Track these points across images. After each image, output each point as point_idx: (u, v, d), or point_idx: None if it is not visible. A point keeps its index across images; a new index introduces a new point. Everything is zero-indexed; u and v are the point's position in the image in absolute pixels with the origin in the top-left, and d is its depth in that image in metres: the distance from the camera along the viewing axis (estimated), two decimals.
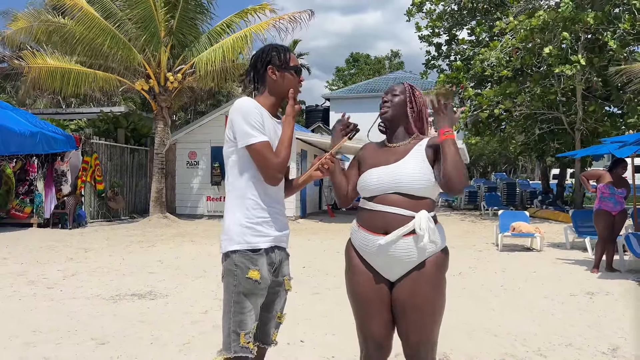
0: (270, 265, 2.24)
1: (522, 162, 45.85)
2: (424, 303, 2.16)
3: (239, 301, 2.13)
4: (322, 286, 6.08)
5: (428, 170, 2.20)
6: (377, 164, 2.30)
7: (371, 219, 2.24)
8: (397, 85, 2.42)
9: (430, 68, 19.42)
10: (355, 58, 51.10)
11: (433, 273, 2.19)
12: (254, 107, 2.17)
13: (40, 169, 12.37)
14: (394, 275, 2.23)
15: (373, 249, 2.21)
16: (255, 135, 2.13)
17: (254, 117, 2.14)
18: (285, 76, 2.29)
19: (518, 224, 9.41)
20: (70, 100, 23.47)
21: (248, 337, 2.13)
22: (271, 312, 2.31)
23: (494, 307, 5.21)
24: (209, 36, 14.10)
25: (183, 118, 27.26)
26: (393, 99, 2.35)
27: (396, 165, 2.23)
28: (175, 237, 10.82)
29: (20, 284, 6.07)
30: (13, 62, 13.31)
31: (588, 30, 13.75)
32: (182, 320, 4.57)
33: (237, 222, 2.19)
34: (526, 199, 20.89)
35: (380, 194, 2.22)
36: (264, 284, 2.18)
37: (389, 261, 2.20)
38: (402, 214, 2.16)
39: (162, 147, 14.01)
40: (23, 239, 10.24)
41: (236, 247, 2.16)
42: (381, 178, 2.23)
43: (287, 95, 2.29)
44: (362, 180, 2.31)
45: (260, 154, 2.14)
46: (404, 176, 2.18)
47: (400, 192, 2.18)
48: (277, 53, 2.29)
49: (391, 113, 2.34)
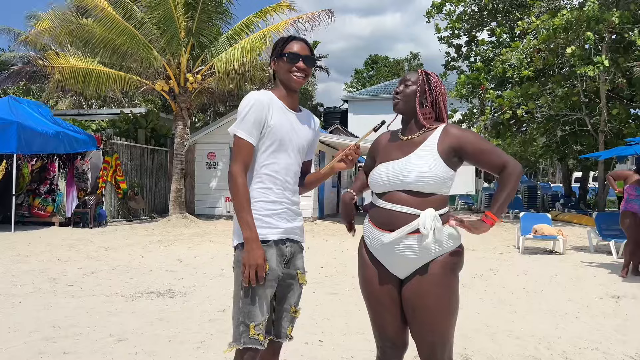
0: (282, 257, 2.20)
1: (543, 165, 45.19)
2: (431, 303, 2.10)
3: (247, 292, 2.10)
4: (341, 286, 6.02)
5: (437, 165, 2.11)
6: (387, 158, 2.23)
7: (379, 215, 2.19)
8: (412, 73, 2.29)
9: (450, 69, 19.24)
10: (374, 60, 50.94)
11: (440, 273, 2.12)
12: (259, 103, 2.14)
13: (61, 169, 12.54)
14: (401, 273, 2.18)
15: (379, 245, 2.17)
16: (243, 129, 2.13)
17: (253, 114, 2.13)
18: (279, 64, 2.25)
19: (540, 227, 9.23)
20: (91, 102, 23.83)
21: (258, 328, 2.09)
22: (285, 305, 2.27)
23: (516, 310, 5.10)
24: (228, 37, 14.16)
25: (202, 119, 27.47)
26: (405, 90, 2.23)
27: (403, 162, 2.16)
28: (194, 237, 10.87)
29: (41, 280, 6.14)
30: (37, 62, 13.54)
31: (613, 30, 13.47)
32: (200, 319, 4.55)
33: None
34: (547, 202, 20.57)
35: (389, 191, 2.16)
36: (273, 275, 2.14)
37: (393, 258, 2.16)
38: (407, 212, 2.10)
39: (181, 147, 14.10)
40: (45, 237, 10.38)
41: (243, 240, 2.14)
42: (388, 175, 2.17)
43: (288, 84, 2.24)
44: (372, 176, 2.26)
45: (235, 149, 2.15)
46: (409, 173, 2.11)
47: (407, 189, 2.12)
48: (279, 43, 2.27)
49: (402, 105, 2.24)
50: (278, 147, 2.19)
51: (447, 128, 2.19)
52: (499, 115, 15.42)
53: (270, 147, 2.18)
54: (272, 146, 2.18)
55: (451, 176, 2.16)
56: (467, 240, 10.45)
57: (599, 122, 15.13)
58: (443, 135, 2.17)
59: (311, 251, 9.16)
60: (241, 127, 2.13)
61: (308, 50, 2.27)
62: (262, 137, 2.17)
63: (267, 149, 2.18)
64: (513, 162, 2.13)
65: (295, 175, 2.29)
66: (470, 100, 17.23)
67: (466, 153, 2.14)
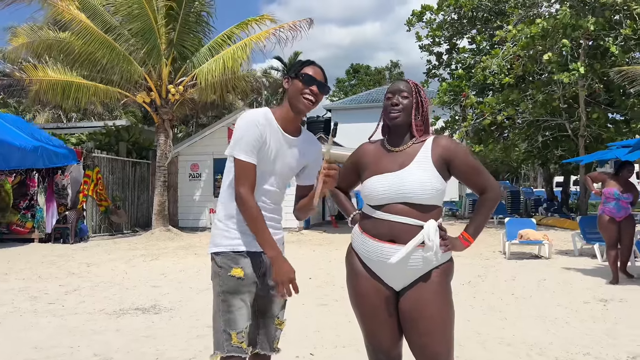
0: (258, 269, 2.19)
1: (525, 170, 45.75)
2: (435, 312, 2.08)
3: (226, 299, 2.11)
4: (330, 297, 5.96)
5: (434, 177, 2.10)
6: (380, 170, 2.17)
7: (377, 226, 2.14)
8: (402, 83, 2.23)
9: (432, 77, 19.38)
10: (356, 69, 51.26)
11: (439, 282, 2.11)
12: (257, 123, 2.12)
13: (40, 184, 12.29)
14: (399, 285, 2.15)
15: (378, 257, 2.12)
16: (243, 150, 2.11)
17: (252, 134, 2.11)
18: (293, 83, 2.21)
19: (526, 232, 9.28)
20: (71, 115, 23.50)
21: (240, 336, 2.08)
22: (268, 317, 2.26)
23: (506, 316, 5.08)
24: (210, 47, 14.08)
25: (185, 131, 27.26)
26: (403, 101, 2.18)
27: (402, 174, 2.12)
28: (179, 250, 10.70)
29: (21, 300, 5.96)
30: (15, 74, 13.31)
31: (589, 37, 13.71)
32: (187, 335, 4.45)
33: (222, 225, 2.20)
34: (530, 206, 20.75)
35: (388, 204, 2.12)
36: (249, 281, 2.14)
37: (393, 269, 2.11)
38: (410, 224, 2.07)
39: (164, 159, 13.94)
40: (24, 254, 10.13)
41: (217, 250, 2.18)
42: (388, 187, 2.12)
43: (295, 106, 2.20)
44: (367, 188, 2.19)
45: (238, 172, 2.12)
46: (410, 186, 2.08)
47: (408, 202, 2.09)
48: (296, 64, 2.26)
49: (403, 118, 2.18)
50: (263, 171, 2.18)
51: (437, 139, 2.19)
52: (480, 121, 15.56)
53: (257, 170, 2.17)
54: (258, 169, 2.17)
55: (444, 189, 2.16)
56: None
57: (579, 127, 15.34)
58: (435, 146, 2.16)
59: (298, 262, 9.03)
60: (241, 148, 2.11)
61: (323, 77, 2.25)
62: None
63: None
64: (495, 187, 2.18)
65: (273, 196, 2.26)
66: (452, 108, 17.37)
67: (454, 166, 2.15)
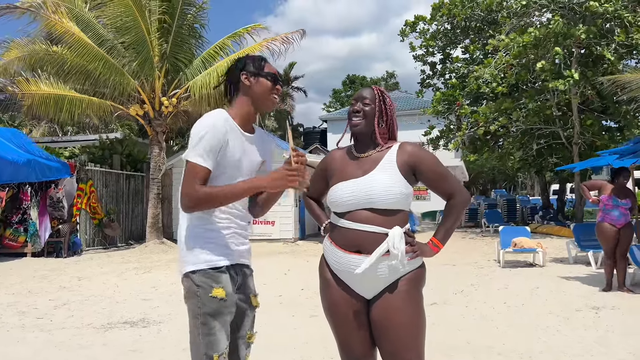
0: (234, 283, 2.11)
1: (522, 179, 45.82)
2: (404, 320, 2.07)
3: (206, 322, 2.01)
4: (320, 308, 5.88)
5: (399, 181, 2.09)
6: (345, 176, 2.17)
7: (343, 236, 2.13)
8: (366, 90, 2.24)
9: (426, 87, 19.45)
10: (352, 80, 51.44)
11: (408, 290, 2.09)
12: (216, 128, 2.02)
13: (33, 197, 12.23)
14: (368, 293, 2.14)
15: (345, 267, 2.11)
16: (198, 154, 2.00)
17: (210, 139, 2.00)
18: (259, 81, 2.16)
19: (520, 240, 9.25)
20: (67, 129, 23.47)
21: (222, 358, 2.01)
22: (241, 332, 2.19)
23: (498, 325, 5.04)
24: (203, 60, 14.11)
25: (181, 143, 27.25)
26: (365, 108, 2.19)
27: (366, 179, 2.11)
28: (172, 263, 10.64)
29: (10, 314, 5.90)
30: (7, 89, 13.30)
31: (581, 45, 13.80)
32: (174, 348, 4.39)
33: (193, 240, 2.08)
34: (527, 214, 20.74)
35: (352, 210, 2.11)
36: (230, 301, 2.06)
37: (361, 279, 2.10)
38: (375, 232, 2.06)
39: (157, 172, 13.90)
40: (16, 268, 10.05)
41: (194, 267, 2.05)
42: (352, 193, 2.10)
43: (263, 104, 2.17)
44: (333, 195, 2.18)
45: (187, 174, 2.02)
46: (375, 191, 2.06)
47: (373, 207, 2.07)
48: (252, 61, 2.20)
49: (365, 126, 2.18)
50: (230, 174, 2.10)
51: (403, 145, 2.18)
52: (475, 130, 15.60)
53: (223, 174, 2.08)
54: (225, 174, 2.08)
55: (411, 193, 2.14)
56: (448, 256, 10.39)
57: (573, 135, 15.38)
58: (400, 152, 2.16)
59: (292, 272, 9.02)
60: (196, 151, 2.01)
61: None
62: (217, 162, 2.06)
63: (219, 176, 2.08)
64: (461, 192, 2.17)
65: (244, 201, 2.20)
66: (446, 117, 17.42)
67: (420, 172, 2.14)
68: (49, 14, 12.12)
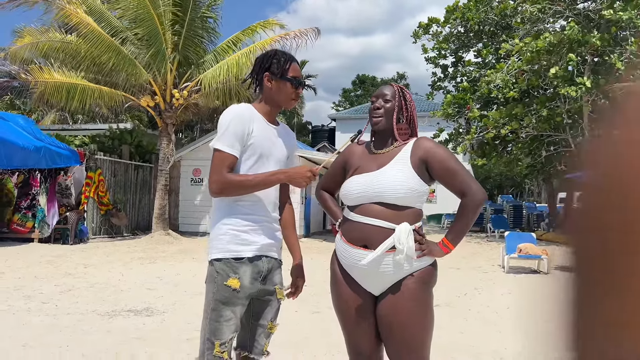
0: (258, 274, 2.15)
1: (529, 185, 45.61)
2: (407, 320, 2.03)
3: (216, 308, 2.07)
4: (323, 305, 5.91)
5: (411, 177, 2.07)
6: (360, 171, 2.18)
7: (351, 230, 2.13)
8: (386, 87, 2.24)
9: (437, 89, 19.41)
10: (362, 80, 51.40)
11: (415, 289, 2.05)
12: (241, 117, 2.10)
13: (43, 184, 12.33)
14: (376, 289, 2.12)
15: (352, 262, 2.11)
16: (224, 142, 2.08)
17: (235, 127, 2.08)
18: (280, 85, 2.19)
19: (525, 246, 9.22)
20: (77, 117, 23.61)
21: (224, 347, 2.04)
22: (261, 321, 2.23)
23: (501, 330, 5.04)
24: (215, 54, 14.16)
25: (190, 136, 27.35)
26: (385, 105, 2.18)
27: (377, 173, 2.11)
28: (177, 254, 10.69)
29: (16, 298, 5.95)
30: (20, 76, 13.39)
31: (595, 52, 13.71)
32: (177, 338, 4.43)
33: (222, 229, 2.14)
34: (533, 221, 20.65)
35: (362, 204, 2.11)
36: (244, 294, 2.10)
37: (367, 274, 2.09)
38: (382, 226, 2.04)
39: (166, 163, 13.96)
40: (23, 253, 10.14)
41: (219, 255, 2.11)
42: (362, 187, 2.11)
43: (283, 105, 2.22)
44: (344, 188, 2.21)
45: (215, 161, 2.08)
46: (384, 185, 2.06)
47: (382, 201, 2.06)
48: (277, 60, 2.19)
49: (385, 122, 2.18)
50: (259, 160, 2.15)
51: (419, 141, 2.17)
52: (484, 134, 15.55)
53: (251, 160, 2.13)
54: (253, 158, 2.14)
55: (425, 190, 2.11)
56: (452, 259, 10.35)
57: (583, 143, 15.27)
58: (415, 147, 2.14)
59: None
60: (223, 140, 2.08)
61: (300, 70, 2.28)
62: (243, 150, 2.12)
63: (248, 162, 2.13)
64: (475, 191, 2.05)
65: (276, 190, 2.25)
66: (456, 120, 17.37)
67: (432, 168, 2.10)
68: (64, 4, 12.21)
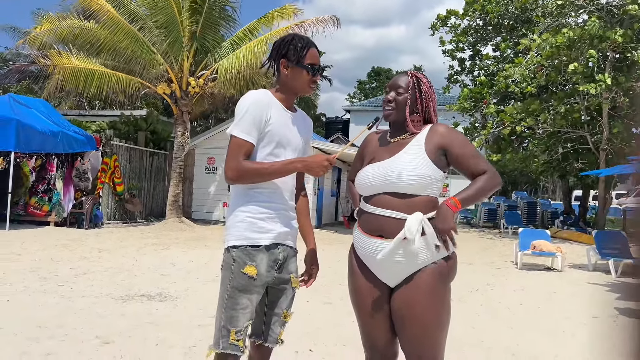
0: (274, 262, 2.15)
1: (544, 182, 45.13)
2: (420, 314, 1.99)
3: (232, 296, 2.06)
4: (335, 296, 5.93)
5: (424, 164, 2.03)
6: (375, 160, 2.17)
7: (367, 220, 2.12)
8: (401, 77, 2.17)
9: (453, 83, 19.26)
10: (377, 72, 51.05)
11: (432, 282, 2.01)
12: (259, 103, 2.08)
13: (59, 168, 12.47)
14: (391, 281, 2.09)
15: (369, 252, 2.10)
16: (242, 129, 2.06)
17: (253, 113, 2.06)
18: (296, 73, 2.16)
19: (539, 243, 9.14)
20: (94, 103, 23.79)
21: (239, 334, 2.05)
22: (276, 310, 2.23)
23: (513, 326, 5.01)
24: (232, 42, 14.15)
25: (205, 125, 27.43)
26: (397, 97, 2.14)
27: (390, 162, 2.09)
28: (190, 241, 10.78)
29: (32, 280, 6.05)
30: (39, 60, 13.51)
31: (616, 49, 13.47)
32: (189, 323, 4.47)
33: (239, 217, 2.13)
34: (547, 218, 20.47)
35: (375, 194, 2.09)
36: (260, 282, 2.09)
37: (382, 265, 2.07)
38: (395, 217, 2.01)
39: (181, 151, 14.04)
40: (39, 236, 10.29)
41: (236, 243, 2.11)
42: (373, 176, 2.10)
43: (300, 93, 2.21)
44: (358, 178, 2.20)
45: (232, 148, 2.07)
46: (394, 173, 2.03)
47: (394, 191, 2.03)
48: (294, 46, 2.15)
49: (396, 115, 2.15)
50: (277, 147, 2.13)
51: (434, 127, 2.14)
52: (500, 130, 15.39)
53: (269, 146, 2.12)
54: (271, 145, 2.12)
55: (440, 177, 2.07)
56: (465, 254, 10.30)
57: (601, 140, 15.07)
58: (431, 133, 2.11)
59: None
60: (240, 126, 2.07)
61: (319, 56, 2.24)
62: (261, 137, 2.10)
63: (265, 149, 2.12)
64: (494, 173, 2.05)
65: (293, 179, 2.24)
66: (472, 114, 17.21)
67: (450, 153, 2.07)
68: None
